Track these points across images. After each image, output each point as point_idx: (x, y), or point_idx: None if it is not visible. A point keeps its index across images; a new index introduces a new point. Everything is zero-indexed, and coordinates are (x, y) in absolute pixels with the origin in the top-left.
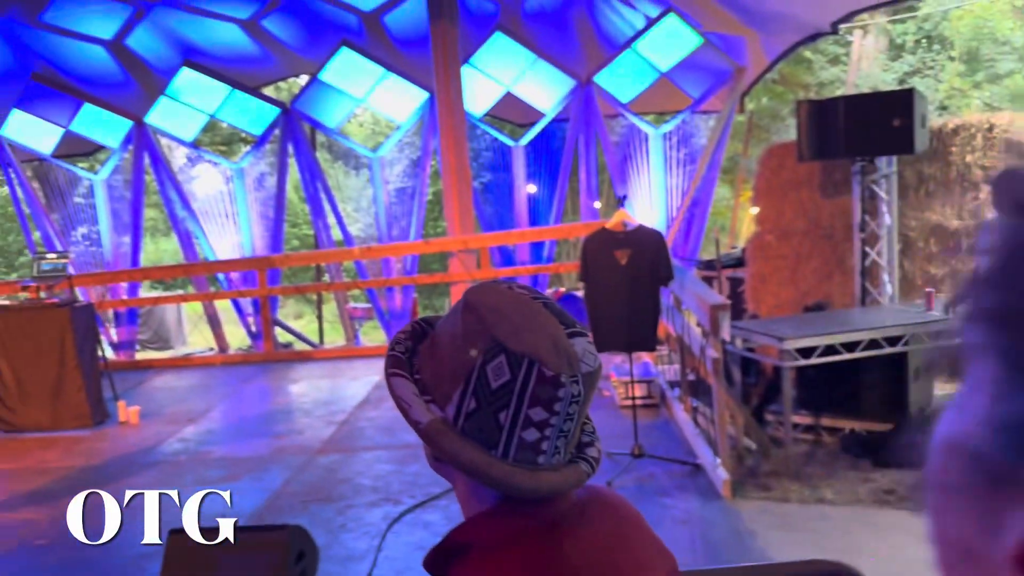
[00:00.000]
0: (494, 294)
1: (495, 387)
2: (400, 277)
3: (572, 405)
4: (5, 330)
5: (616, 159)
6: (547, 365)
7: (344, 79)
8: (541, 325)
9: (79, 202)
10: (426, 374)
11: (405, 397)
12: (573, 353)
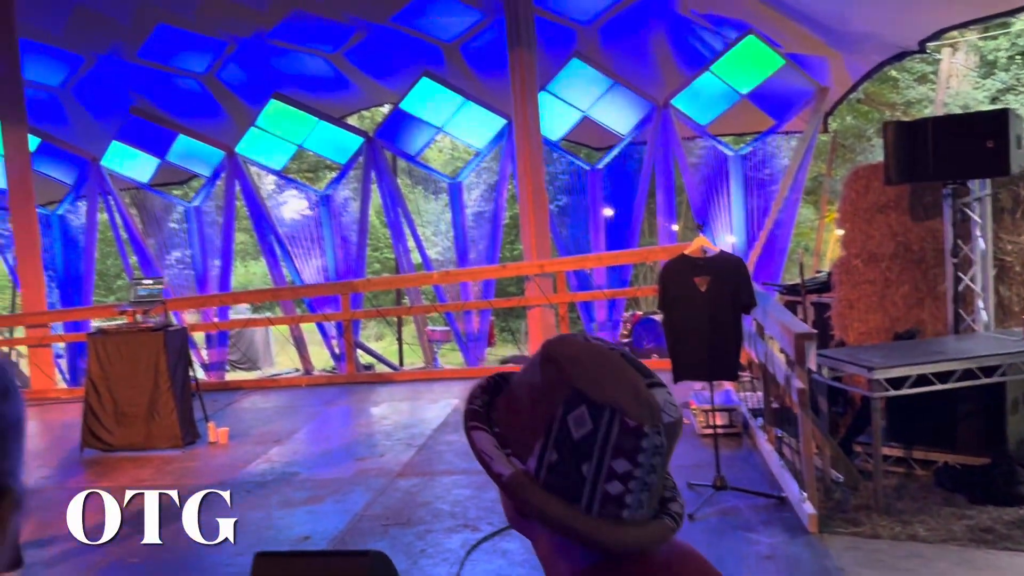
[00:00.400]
0: (572, 345)
1: (577, 438)
2: (478, 301)
3: (655, 456)
4: (104, 353)
5: (694, 181)
6: (629, 415)
7: (425, 108)
8: (621, 375)
9: (173, 227)
10: (505, 427)
11: (486, 450)
12: (655, 403)
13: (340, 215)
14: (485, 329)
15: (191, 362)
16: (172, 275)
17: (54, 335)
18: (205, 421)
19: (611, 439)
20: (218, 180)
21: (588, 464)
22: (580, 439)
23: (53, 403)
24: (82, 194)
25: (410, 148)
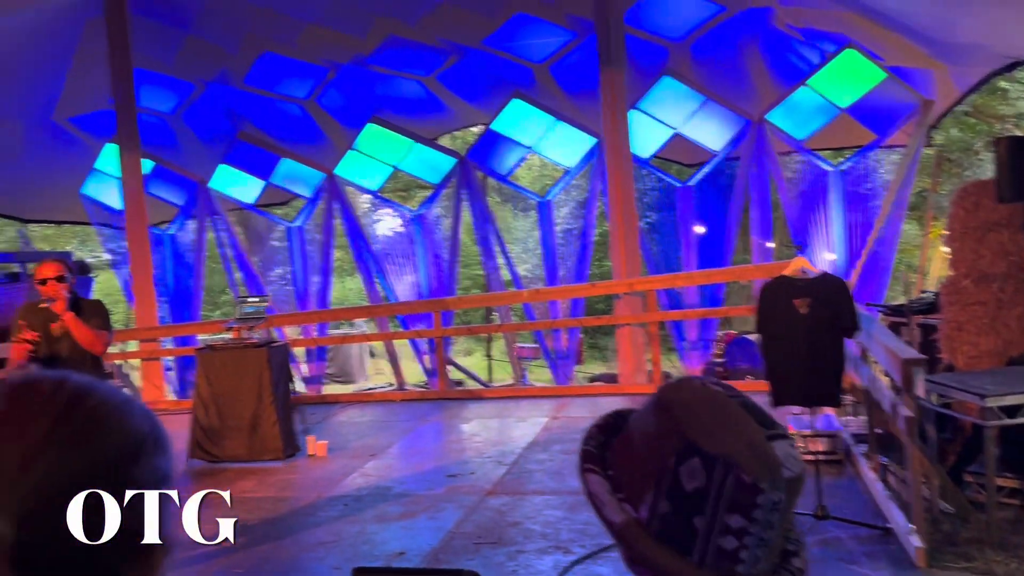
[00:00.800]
0: (688, 392)
1: (689, 490)
2: (567, 319)
3: (773, 513)
4: (211, 368)
5: (790, 197)
6: (745, 470)
7: (515, 129)
8: (738, 427)
9: (275, 245)
10: (619, 470)
11: (599, 495)
12: (774, 458)
13: (432, 233)
14: (574, 346)
15: (292, 377)
16: (274, 291)
17: (164, 349)
18: (305, 434)
19: (725, 494)
20: (319, 201)
21: (701, 518)
22: (692, 491)
23: (162, 414)
24: (191, 214)
25: (501, 168)
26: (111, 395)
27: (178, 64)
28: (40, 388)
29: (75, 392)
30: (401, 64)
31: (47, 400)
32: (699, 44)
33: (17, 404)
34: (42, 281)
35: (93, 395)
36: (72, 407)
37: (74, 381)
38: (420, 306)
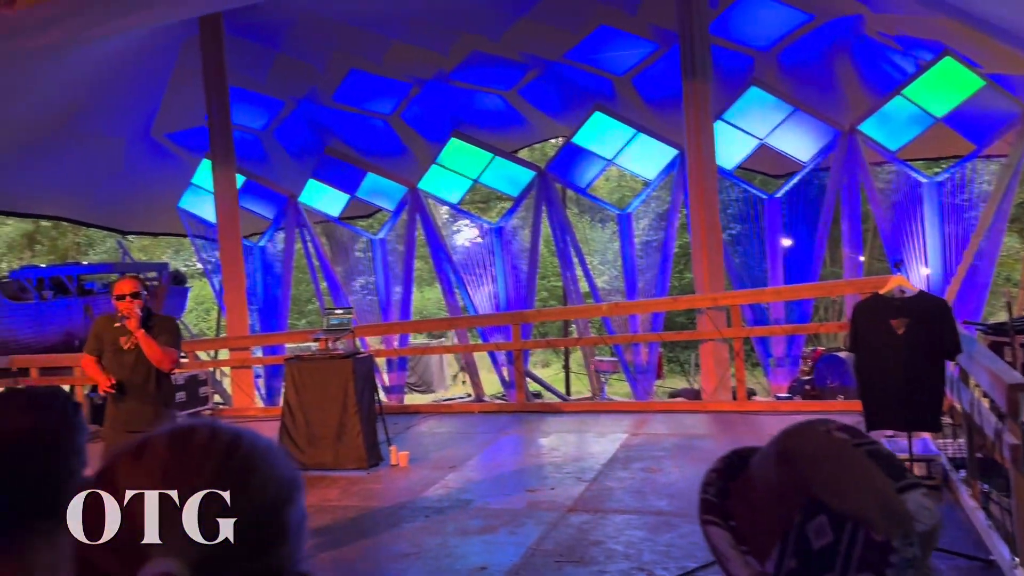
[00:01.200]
0: (811, 441)
1: (817, 548)
2: (647, 333)
3: (907, 570)
4: (299, 377)
5: (883, 209)
6: (875, 529)
7: (596, 142)
8: (866, 480)
9: (359, 256)
10: (742, 521)
11: (722, 549)
12: (905, 513)
13: (510, 245)
14: (654, 361)
15: (376, 387)
16: (356, 300)
17: (254, 358)
18: (387, 444)
19: (855, 553)
20: (401, 213)
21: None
22: (821, 549)
23: (251, 420)
24: (280, 227)
25: (580, 180)
26: (257, 441)
27: (270, 82)
28: (197, 437)
29: (229, 440)
30: (483, 79)
31: (206, 449)
32: (787, 53)
33: (180, 452)
34: (119, 297)
35: (243, 442)
36: (229, 455)
37: (224, 429)
38: (499, 319)
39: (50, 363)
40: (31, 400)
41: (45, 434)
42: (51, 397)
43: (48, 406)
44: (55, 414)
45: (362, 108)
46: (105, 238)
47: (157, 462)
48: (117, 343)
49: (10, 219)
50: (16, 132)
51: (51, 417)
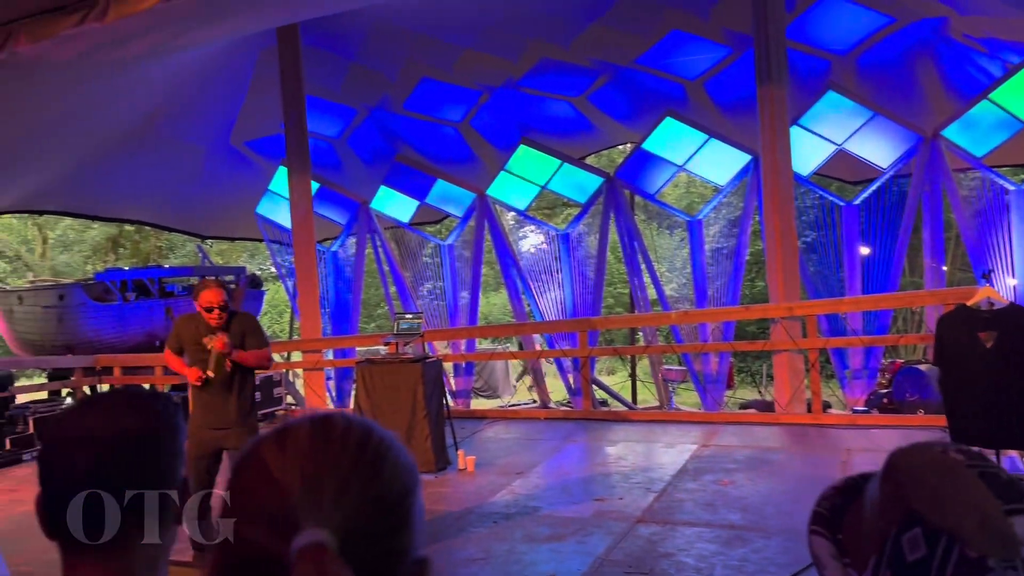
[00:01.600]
0: (919, 458)
1: (910, 561)
2: (718, 343)
3: None
4: (370, 380)
5: (967, 217)
6: (971, 545)
7: (667, 147)
8: (970, 498)
9: (426, 261)
10: (848, 534)
11: (821, 557)
12: (1009, 534)
13: (577, 251)
14: (724, 371)
15: (444, 391)
16: (424, 304)
17: (326, 360)
18: (455, 448)
19: (947, 568)
20: (469, 220)
21: None
22: (913, 562)
23: None
24: (352, 232)
25: (649, 186)
26: (385, 433)
27: (344, 91)
28: (334, 425)
29: (362, 430)
30: (552, 86)
31: (344, 436)
32: (866, 57)
33: (321, 438)
34: (208, 308)
35: (374, 432)
36: (364, 443)
37: (356, 419)
38: (566, 325)
39: (132, 362)
40: (134, 401)
41: (148, 435)
42: (153, 399)
43: (150, 408)
44: (157, 416)
45: (432, 116)
46: (185, 242)
47: (301, 445)
48: (200, 343)
49: (96, 223)
50: (103, 140)
51: (153, 418)
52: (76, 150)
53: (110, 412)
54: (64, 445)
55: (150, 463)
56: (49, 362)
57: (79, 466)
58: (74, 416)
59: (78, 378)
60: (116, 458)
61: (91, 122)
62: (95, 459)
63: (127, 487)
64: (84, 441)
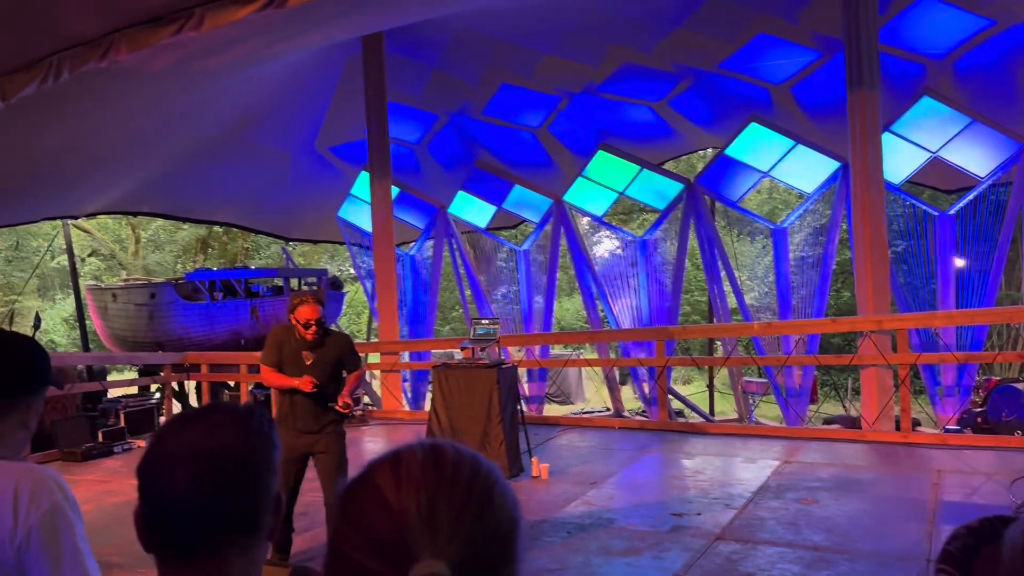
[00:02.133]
0: None
1: None
2: (802, 356)
3: None
4: (446, 384)
5: None
6: None
7: (750, 154)
8: None
9: (501, 266)
10: None
11: None
12: None
13: (654, 258)
14: (808, 384)
15: (519, 398)
16: (498, 308)
17: (402, 362)
18: (529, 455)
19: None
20: (545, 225)
21: None
22: None
23: (398, 423)
24: (430, 236)
25: (732, 193)
26: (492, 468)
27: (425, 97)
28: (446, 455)
29: (472, 460)
30: (632, 91)
31: (455, 466)
32: (964, 61)
33: (435, 466)
34: (306, 324)
35: (482, 464)
36: (474, 474)
37: (463, 449)
38: (644, 334)
39: (219, 360)
40: (232, 419)
41: (245, 452)
42: (250, 415)
43: (247, 425)
44: (254, 433)
45: (511, 121)
46: (270, 243)
47: (415, 474)
48: (299, 357)
49: (186, 224)
50: (195, 145)
51: (250, 436)
52: (170, 155)
53: (208, 429)
54: (164, 461)
55: (246, 479)
56: (140, 358)
57: (178, 482)
58: (173, 432)
59: (167, 374)
60: (214, 474)
61: (184, 128)
62: (193, 475)
63: (224, 503)
64: (183, 458)
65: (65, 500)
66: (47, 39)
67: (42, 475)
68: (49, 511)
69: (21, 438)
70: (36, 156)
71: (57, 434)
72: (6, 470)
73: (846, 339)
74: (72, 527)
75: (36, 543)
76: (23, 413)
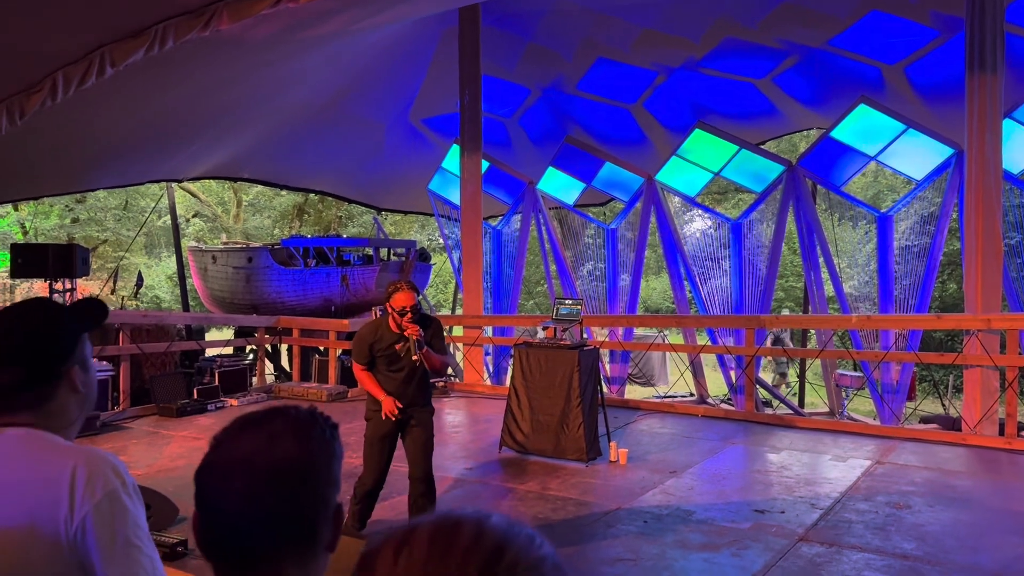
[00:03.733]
0: None
1: None
2: (901, 352)
3: None
4: (527, 363)
5: None
6: None
7: (858, 137)
8: None
9: (588, 243)
10: None
11: None
12: None
13: (748, 241)
14: (905, 380)
15: (600, 380)
16: (583, 286)
17: (485, 337)
18: (608, 439)
19: None
20: (635, 204)
21: None
22: None
23: (479, 397)
24: (518, 211)
25: (835, 177)
26: (525, 551)
27: (519, 70)
28: (462, 537)
29: (493, 547)
30: (734, 67)
31: (468, 553)
32: None
33: (442, 554)
34: (402, 312)
35: (508, 552)
36: (491, 565)
37: (492, 530)
38: (734, 321)
39: (309, 326)
40: (293, 427)
41: (304, 463)
42: (312, 424)
43: (309, 435)
44: (315, 443)
45: (605, 97)
46: (363, 213)
47: (416, 559)
48: (393, 348)
49: (284, 192)
50: (293, 115)
51: (312, 446)
52: (269, 123)
53: (269, 437)
54: (220, 468)
55: (305, 491)
56: (235, 320)
57: (234, 491)
58: (232, 437)
59: (260, 336)
60: (271, 485)
61: (284, 97)
62: (249, 485)
63: (280, 515)
64: (241, 466)
65: (123, 486)
66: (154, 8)
67: (99, 460)
68: (105, 498)
69: (76, 402)
70: (144, 120)
71: (155, 389)
72: (64, 453)
73: (950, 334)
74: (127, 514)
75: (91, 531)
76: (69, 382)
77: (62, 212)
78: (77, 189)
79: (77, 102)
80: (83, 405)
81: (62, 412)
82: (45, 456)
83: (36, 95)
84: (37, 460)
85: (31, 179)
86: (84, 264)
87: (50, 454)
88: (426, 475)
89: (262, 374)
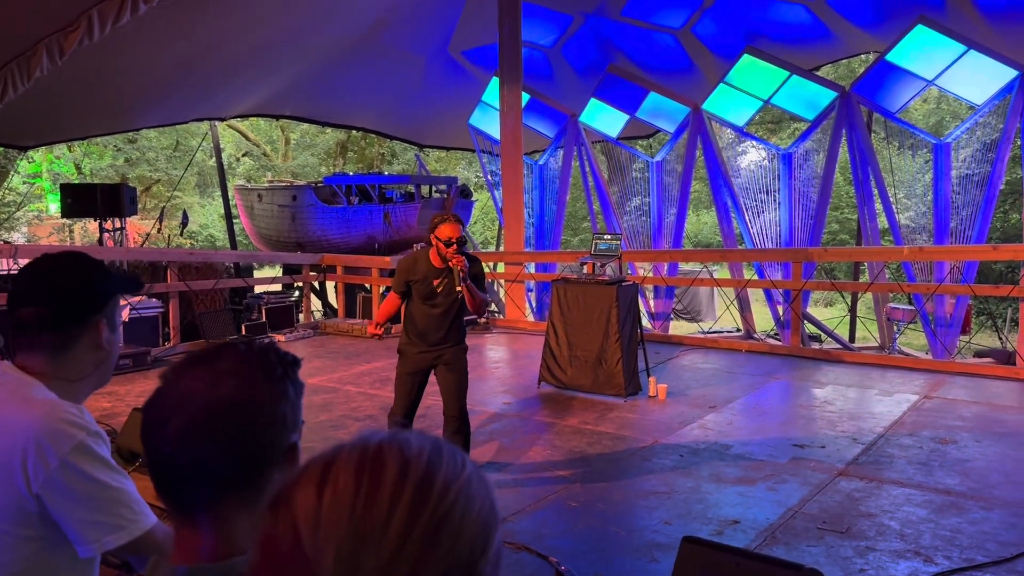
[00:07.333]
0: None
1: None
2: (955, 284)
3: None
4: (565, 299)
5: None
6: None
7: (915, 60)
8: None
9: (635, 177)
10: None
11: None
12: None
13: (801, 172)
14: (960, 314)
15: (639, 316)
16: (629, 221)
17: (527, 273)
18: (647, 374)
19: None
20: (682, 135)
21: None
22: None
23: (521, 333)
24: (560, 145)
25: (891, 103)
26: (452, 473)
27: None
28: (388, 470)
29: (421, 477)
30: None
31: (396, 488)
32: None
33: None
34: (448, 242)
35: (436, 480)
36: (419, 501)
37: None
38: (779, 255)
39: (352, 263)
40: (240, 364)
41: (247, 403)
42: (261, 361)
43: (253, 375)
44: (259, 383)
45: (650, 22)
46: (406, 149)
47: (342, 496)
48: (430, 284)
49: (327, 128)
50: (331, 49)
51: (256, 384)
52: (308, 59)
53: (212, 376)
54: (161, 407)
55: (245, 434)
56: (281, 258)
57: (171, 431)
58: (178, 375)
59: (305, 274)
60: (207, 427)
61: (323, 31)
62: (186, 427)
63: (216, 457)
64: (179, 405)
65: (88, 436)
66: None
67: (58, 418)
68: (71, 452)
69: (93, 359)
70: (182, 58)
71: (204, 325)
72: (23, 415)
73: (1010, 266)
74: (95, 462)
75: (60, 488)
76: (92, 335)
77: (114, 153)
78: (123, 128)
79: (115, 41)
80: (102, 365)
81: (78, 363)
82: (15, 407)
83: (73, 33)
84: (10, 411)
85: (79, 119)
86: (132, 203)
87: (18, 407)
88: (460, 413)
89: (308, 311)
